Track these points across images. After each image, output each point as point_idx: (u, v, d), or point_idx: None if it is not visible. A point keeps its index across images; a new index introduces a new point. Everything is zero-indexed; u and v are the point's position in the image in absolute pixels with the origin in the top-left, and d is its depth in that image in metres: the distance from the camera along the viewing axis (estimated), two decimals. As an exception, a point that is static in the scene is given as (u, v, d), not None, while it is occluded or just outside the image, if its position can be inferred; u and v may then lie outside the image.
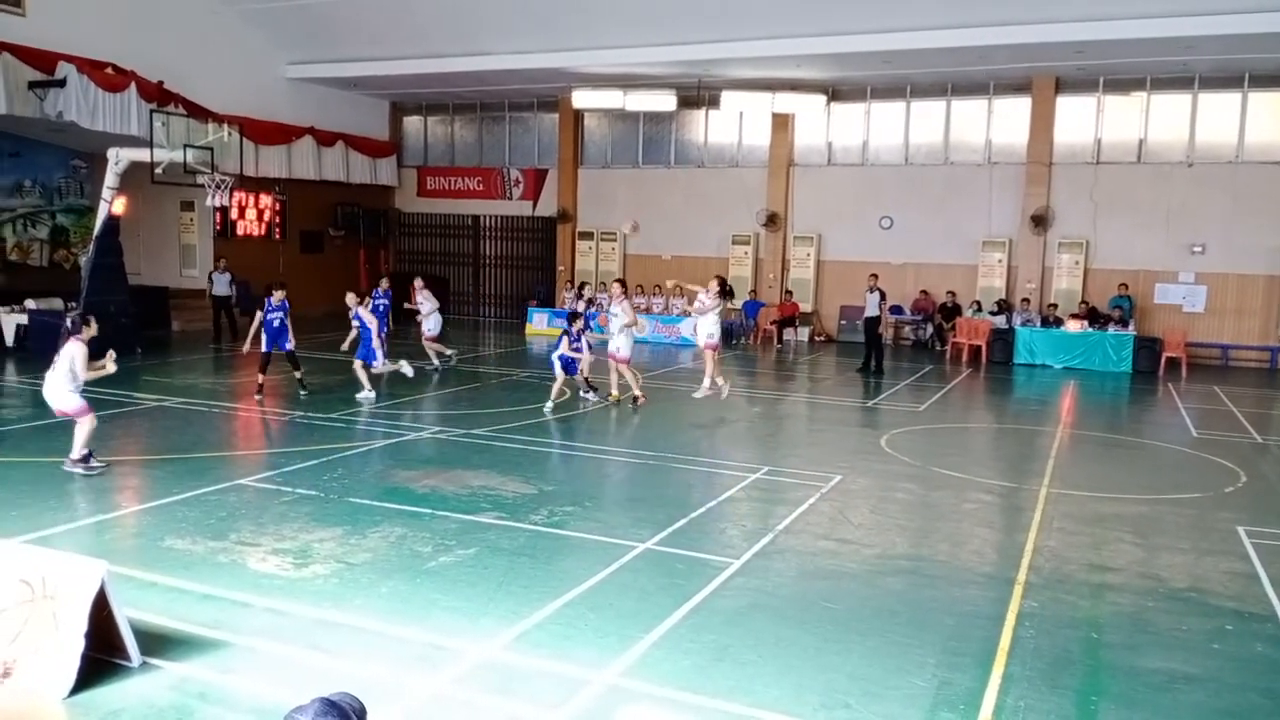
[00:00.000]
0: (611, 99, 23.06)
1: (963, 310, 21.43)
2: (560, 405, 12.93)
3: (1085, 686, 5.21)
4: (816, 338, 23.20)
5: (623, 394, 13.44)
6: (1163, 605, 6.45)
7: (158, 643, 5.21)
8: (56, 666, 4.72)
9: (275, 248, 24.19)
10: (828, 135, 23.39)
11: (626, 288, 14.49)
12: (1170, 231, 20.47)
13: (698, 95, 23.13)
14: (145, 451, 9.69)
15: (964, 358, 19.99)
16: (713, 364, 12.94)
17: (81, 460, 8.67)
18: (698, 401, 13.04)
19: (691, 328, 13.50)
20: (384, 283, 16.56)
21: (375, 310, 15.68)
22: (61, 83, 17.38)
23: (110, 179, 16.61)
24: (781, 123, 23.38)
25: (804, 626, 5.82)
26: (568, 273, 25.63)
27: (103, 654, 4.89)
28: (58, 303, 17.53)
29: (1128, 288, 20.44)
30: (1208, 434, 12.79)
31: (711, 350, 13.01)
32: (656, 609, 5.96)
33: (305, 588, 6.19)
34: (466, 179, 27.47)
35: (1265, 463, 11.19)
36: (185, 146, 16.09)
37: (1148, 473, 10.93)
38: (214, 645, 5.28)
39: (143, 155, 16.13)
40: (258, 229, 24.05)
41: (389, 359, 13.57)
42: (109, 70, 18.16)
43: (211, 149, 16.47)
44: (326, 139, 24.36)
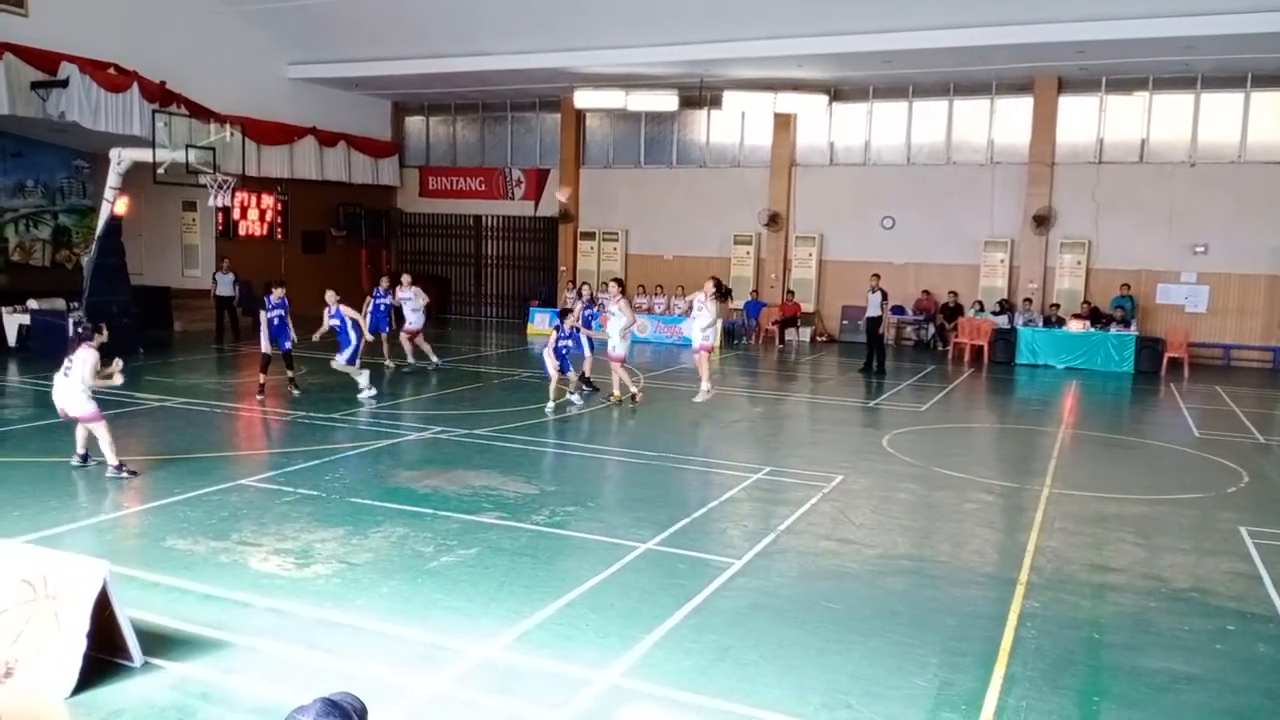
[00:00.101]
0: (613, 99, 23.06)
1: (965, 310, 21.41)
2: (561, 405, 12.94)
3: (1087, 687, 5.21)
4: (818, 338, 23.19)
5: (624, 394, 13.44)
6: (1165, 605, 6.44)
7: (159, 643, 5.22)
8: (58, 666, 4.73)
9: (277, 248, 24.20)
10: (830, 135, 23.38)
11: (624, 287, 14.47)
12: (1172, 231, 20.45)
13: (699, 95, 23.14)
14: (147, 452, 9.69)
15: (966, 358, 19.98)
16: (704, 366, 12.95)
17: (116, 468, 8.68)
18: (698, 396, 13.06)
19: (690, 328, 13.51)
20: (384, 282, 16.52)
21: (375, 310, 15.69)
22: (64, 83, 17.41)
23: (112, 179, 16.64)
24: (783, 123, 23.37)
25: (805, 627, 5.82)
26: (569, 273, 25.63)
27: (105, 654, 4.90)
28: (60, 303, 17.56)
29: (1130, 288, 20.42)
30: (1210, 434, 12.78)
31: (706, 352, 13.03)
32: (658, 609, 5.96)
33: (307, 588, 6.20)
34: (468, 179, 27.47)
35: (1267, 463, 11.18)
36: (187, 147, 16.12)
37: (1150, 473, 10.92)
38: (216, 645, 5.29)
39: (145, 155, 16.15)
40: (260, 229, 24.06)
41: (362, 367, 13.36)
42: (111, 70, 18.19)
43: (213, 149, 16.50)
44: (328, 139, 24.38)
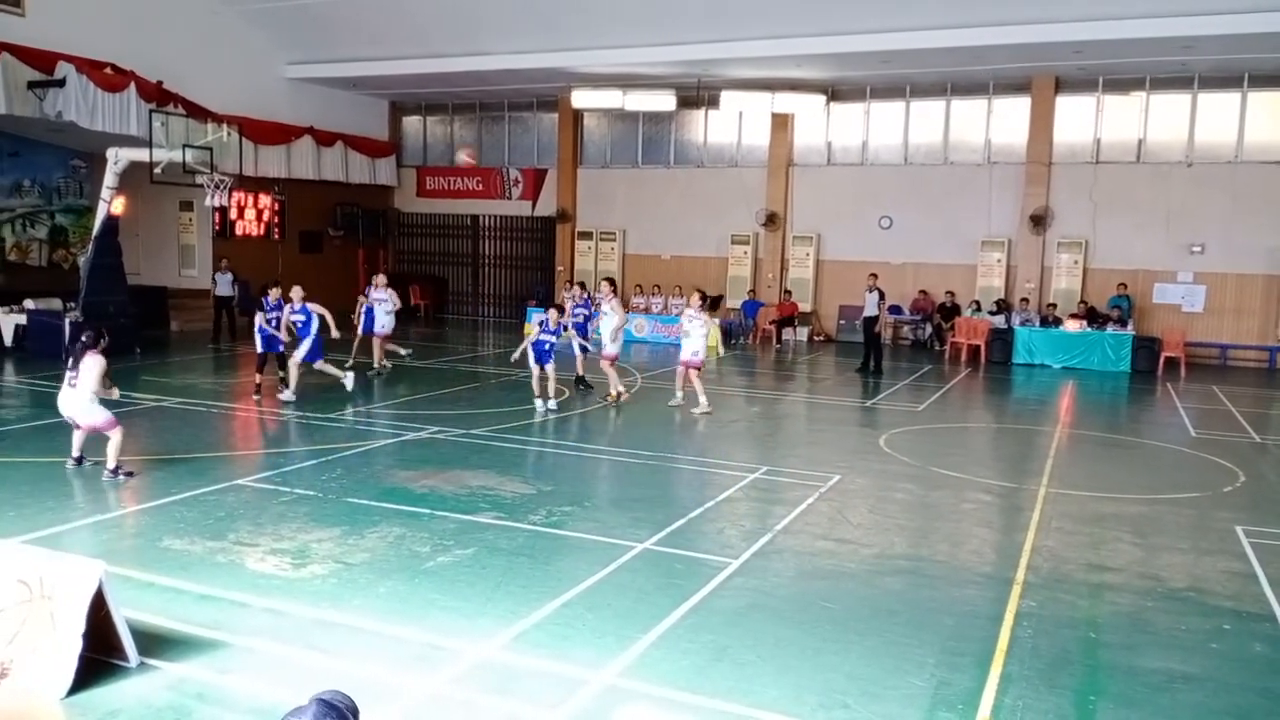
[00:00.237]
0: (611, 99, 23.06)
1: (962, 310, 21.44)
2: (560, 405, 12.93)
3: (1084, 686, 5.22)
4: (815, 337, 23.20)
5: (615, 393, 13.39)
6: (1161, 605, 6.45)
7: (155, 643, 5.21)
8: (54, 667, 4.72)
9: (274, 248, 24.17)
10: (827, 135, 23.40)
11: (616, 287, 14.46)
12: (1169, 231, 20.48)
13: (697, 95, 23.13)
14: (144, 452, 9.67)
15: (963, 357, 19.99)
16: (697, 382, 12.88)
17: (113, 472, 8.67)
18: (698, 408, 12.98)
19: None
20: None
21: (368, 310, 15.68)
22: (61, 83, 17.38)
23: (109, 179, 16.60)
24: (781, 123, 23.38)
25: (802, 626, 5.82)
26: (566, 272, 25.63)
27: (100, 654, 4.89)
28: (57, 303, 17.53)
29: (1127, 287, 20.44)
30: (1206, 434, 12.80)
31: (695, 370, 12.91)
32: (655, 609, 5.95)
33: (303, 588, 6.19)
34: (466, 179, 27.46)
35: (1264, 462, 11.19)
36: (184, 146, 16.09)
37: (1146, 472, 10.93)
38: (212, 645, 5.28)
39: (142, 155, 16.13)
40: (257, 229, 24.03)
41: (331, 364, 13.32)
42: (108, 70, 18.16)
43: (211, 149, 16.47)
44: (326, 139, 24.36)
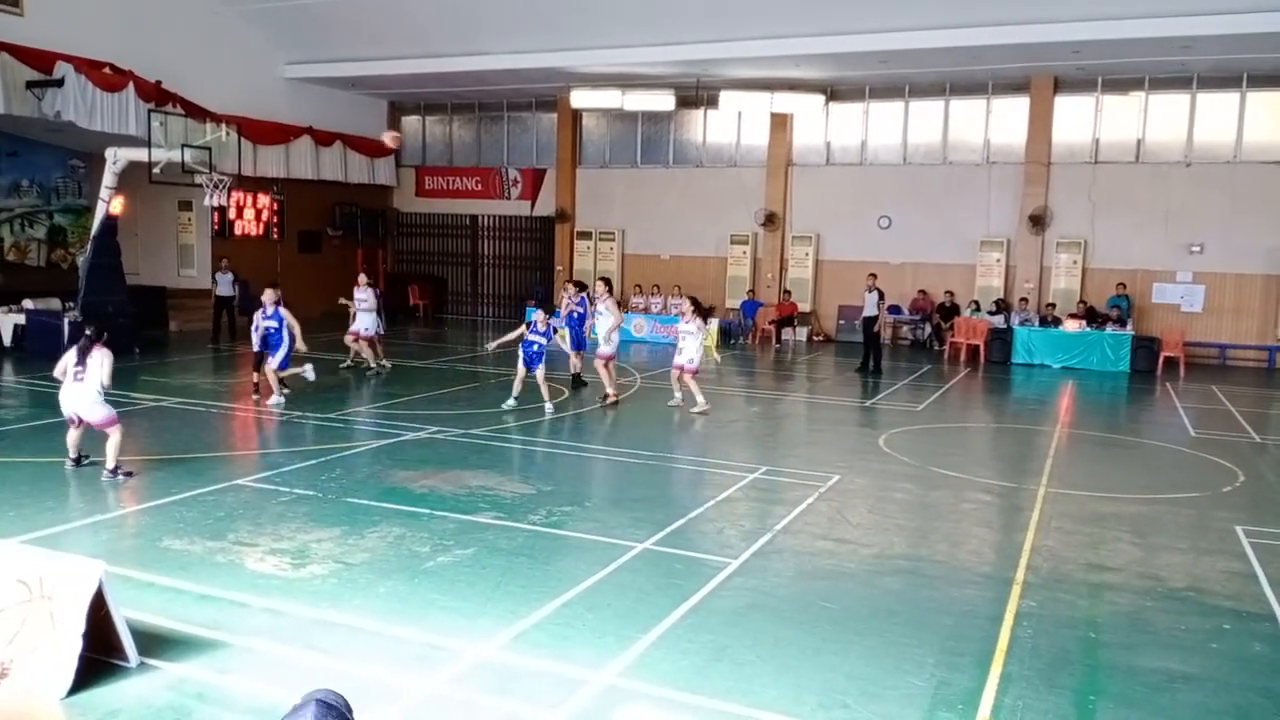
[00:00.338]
0: (610, 99, 23.05)
1: (961, 310, 21.44)
2: (560, 405, 12.94)
3: (1083, 686, 5.22)
4: (815, 337, 23.20)
5: (619, 393, 13.40)
6: (1161, 605, 6.45)
7: (155, 643, 5.21)
8: (54, 667, 4.72)
9: (273, 247, 24.16)
10: (826, 135, 23.40)
11: (611, 287, 14.47)
12: (1168, 231, 20.49)
13: (696, 95, 23.13)
14: (143, 452, 9.67)
15: (962, 357, 19.99)
16: (693, 384, 12.96)
17: (112, 472, 8.66)
18: (696, 408, 13.03)
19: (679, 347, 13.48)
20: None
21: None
22: (59, 82, 17.36)
23: (108, 179, 16.60)
24: (780, 122, 23.38)
25: (802, 626, 5.82)
26: (566, 272, 25.60)
27: (100, 654, 4.88)
28: (55, 303, 17.52)
29: (1126, 287, 20.45)
30: (1206, 433, 12.80)
31: (690, 374, 12.97)
32: (654, 609, 5.95)
33: (303, 588, 6.19)
34: (465, 179, 27.46)
35: (1263, 462, 11.20)
36: (183, 146, 16.09)
37: (1146, 472, 10.94)
38: (212, 645, 5.28)
39: (141, 155, 16.12)
40: (255, 229, 24.00)
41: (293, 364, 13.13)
42: (107, 70, 18.14)
43: (209, 149, 16.47)
44: (324, 139, 24.33)
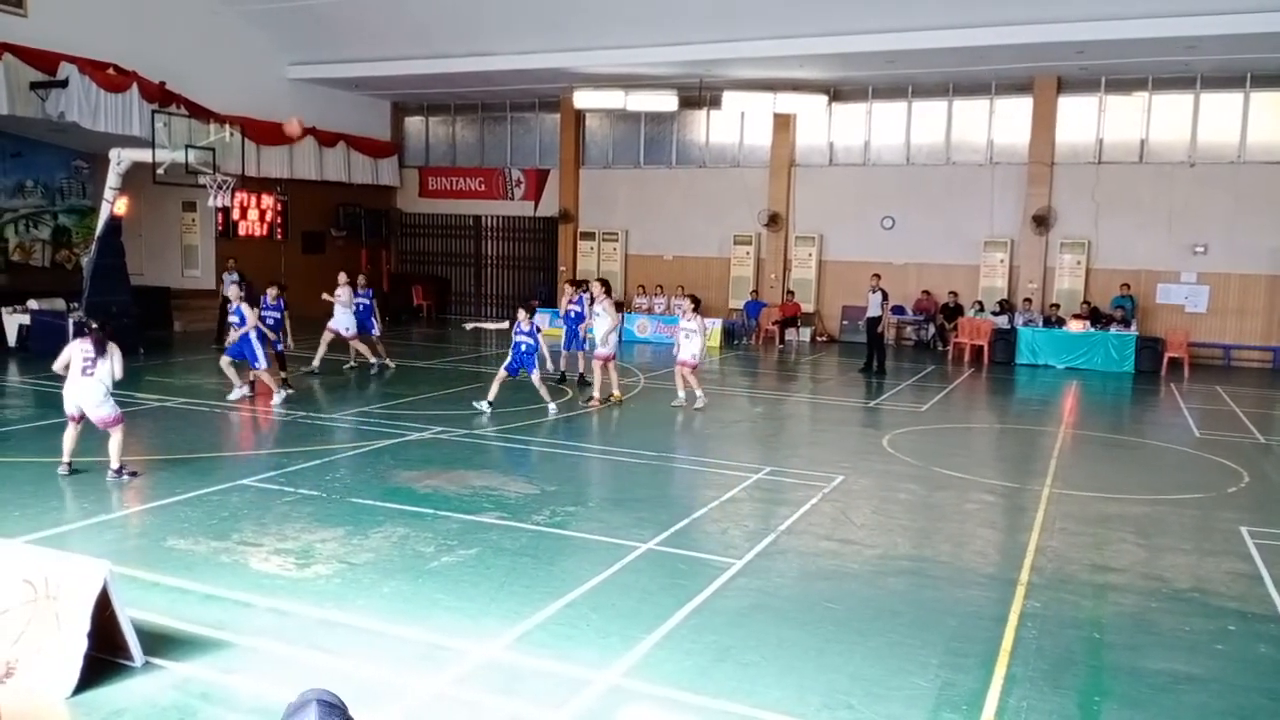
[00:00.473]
0: (613, 99, 23.04)
1: (965, 310, 21.40)
2: (562, 406, 12.94)
3: (1088, 687, 5.21)
4: (818, 338, 23.18)
5: (603, 394, 13.39)
6: (1165, 606, 6.44)
7: (160, 643, 5.22)
8: (59, 666, 4.73)
9: (277, 248, 24.17)
10: (829, 135, 23.38)
11: (609, 288, 14.48)
12: (1172, 231, 20.45)
13: (699, 95, 23.13)
14: (147, 452, 9.69)
15: (966, 358, 19.97)
16: (694, 378, 13.11)
17: (116, 472, 8.67)
18: (698, 403, 13.09)
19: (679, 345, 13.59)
20: (361, 280, 16.46)
21: (356, 310, 15.68)
22: (63, 83, 17.39)
23: (112, 179, 16.63)
24: (783, 123, 23.37)
25: (806, 627, 5.82)
26: (569, 273, 25.61)
27: (105, 654, 4.89)
28: (60, 303, 17.55)
29: (1130, 288, 20.42)
30: (1210, 434, 12.78)
31: (690, 369, 13.07)
32: (658, 609, 5.95)
33: (307, 588, 6.20)
34: (468, 179, 27.47)
35: (1268, 463, 11.18)
36: (187, 147, 16.10)
37: (1150, 473, 10.92)
38: (216, 645, 5.29)
39: (144, 156, 16.15)
40: (259, 229, 24.01)
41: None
42: (111, 71, 18.17)
43: (213, 149, 16.48)
44: (328, 139, 24.35)
